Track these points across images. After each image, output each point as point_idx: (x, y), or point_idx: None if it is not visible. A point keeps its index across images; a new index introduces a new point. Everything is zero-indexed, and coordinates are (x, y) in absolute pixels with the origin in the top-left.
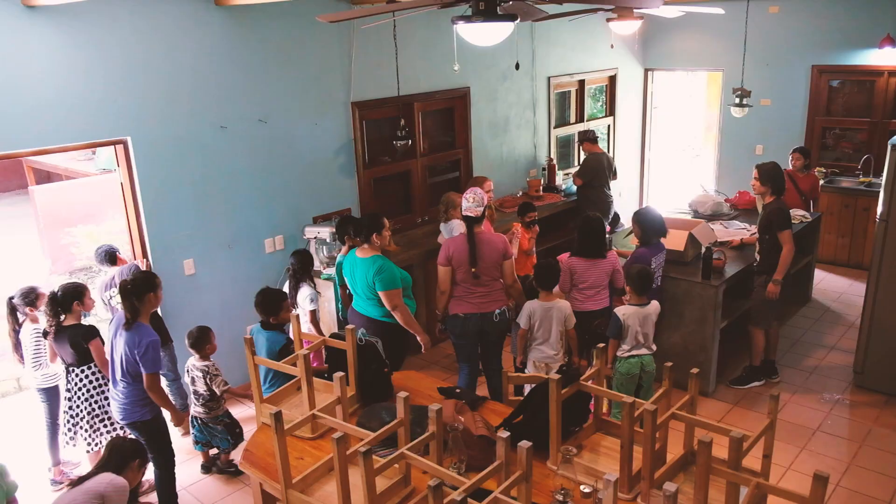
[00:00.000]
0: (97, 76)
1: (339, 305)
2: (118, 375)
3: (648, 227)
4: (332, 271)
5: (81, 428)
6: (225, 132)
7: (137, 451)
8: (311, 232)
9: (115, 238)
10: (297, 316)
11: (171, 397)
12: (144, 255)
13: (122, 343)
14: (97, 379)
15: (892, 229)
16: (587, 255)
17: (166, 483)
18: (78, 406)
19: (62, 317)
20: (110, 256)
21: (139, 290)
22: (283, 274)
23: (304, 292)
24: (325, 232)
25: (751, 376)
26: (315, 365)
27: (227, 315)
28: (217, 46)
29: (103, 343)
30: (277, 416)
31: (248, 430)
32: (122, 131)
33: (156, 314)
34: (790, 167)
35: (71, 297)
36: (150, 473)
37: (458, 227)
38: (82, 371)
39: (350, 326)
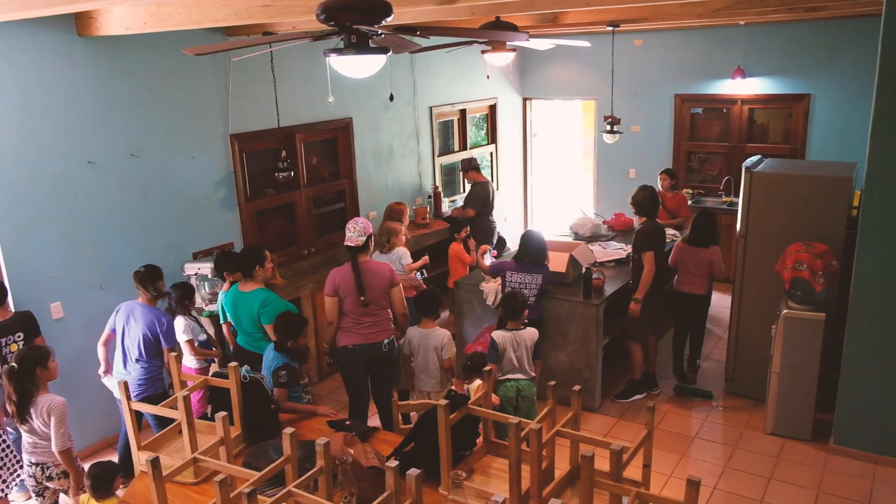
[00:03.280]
0: None
1: (225, 343)
2: (133, 357)
3: (524, 245)
4: (214, 308)
5: None
6: (93, 167)
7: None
8: (192, 268)
9: None
10: (176, 354)
11: None
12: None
13: (138, 327)
14: None
15: (750, 245)
16: (693, 244)
17: None
18: None
19: None
20: (2, 293)
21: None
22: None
23: (179, 324)
24: (206, 268)
25: (633, 390)
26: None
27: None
28: (82, 79)
29: None
30: (155, 463)
31: None
32: None
33: None
34: (659, 188)
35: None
36: None
37: (403, 255)
38: None
39: (233, 364)
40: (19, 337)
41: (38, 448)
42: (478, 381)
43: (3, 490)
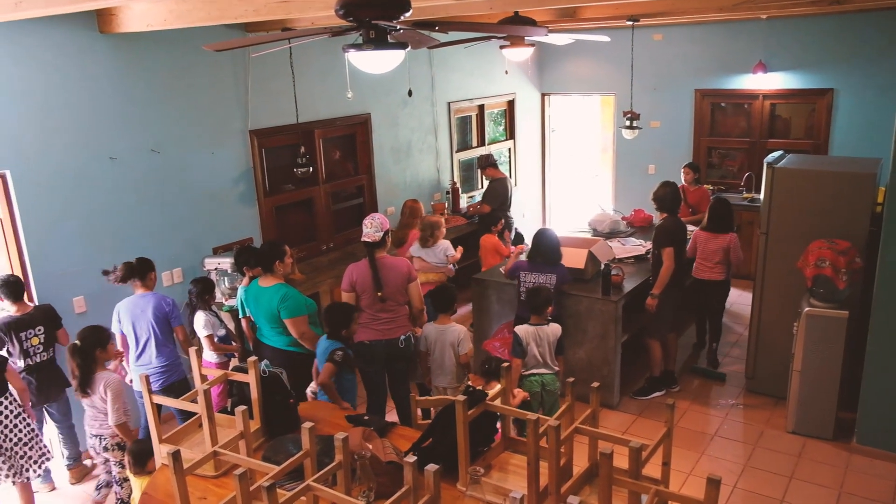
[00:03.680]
0: None
1: (244, 337)
2: (151, 347)
3: (535, 244)
4: (233, 303)
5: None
6: (115, 164)
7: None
8: (212, 263)
9: None
10: (196, 349)
11: (62, 445)
12: (29, 295)
13: (145, 316)
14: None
15: (771, 242)
16: (711, 231)
17: None
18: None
19: None
20: (19, 289)
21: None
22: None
23: (199, 319)
24: (226, 263)
25: (652, 387)
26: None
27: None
28: (103, 75)
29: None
30: (176, 456)
31: None
32: None
33: (51, 358)
34: (682, 182)
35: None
36: None
37: (447, 247)
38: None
39: (252, 358)
40: (39, 330)
41: (96, 421)
42: (498, 387)
43: (27, 473)
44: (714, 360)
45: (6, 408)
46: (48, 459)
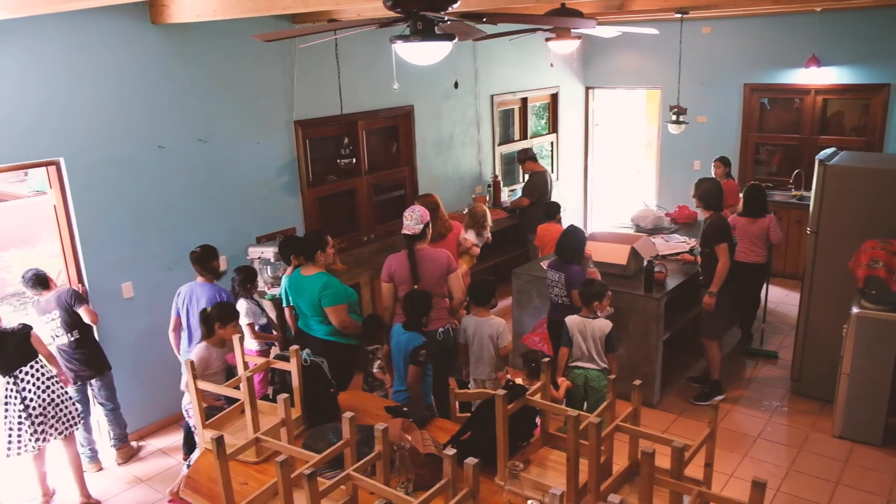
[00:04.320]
0: (28, 96)
1: (286, 326)
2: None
3: (558, 242)
4: (276, 292)
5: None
6: (163, 152)
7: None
8: (255, 252)
9: (49, 262)
10: (239, 336)
11: (108, 427)
12: (80, 279)
13: (200, 306)
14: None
15: (821, 241)
16: (748, 215)
17: None
18: (36, 402)
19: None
20: (41, 280)
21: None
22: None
23: (241, 307)
24: (269, 252)
25: (713, 391)
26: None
27: (167, 339)
28: (154, 65)
29: None
30: (219, 441)
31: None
32: (54, 152)
33: (93, 341)
34: (713, 176)
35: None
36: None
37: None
38: (31, 367)
39: (294, 347)
40: (55, 314)
41: None
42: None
43: (57, 434)
44: (749, 336)
45: (32, 376)
46: (75, 426)
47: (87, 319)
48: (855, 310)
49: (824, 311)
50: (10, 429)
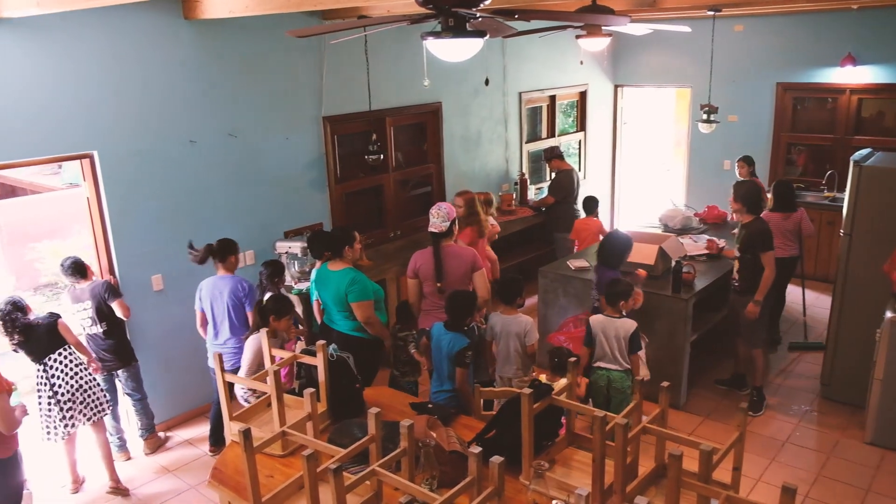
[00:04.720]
0: (63, 90)
1: (313, 320)
2: (225, 329)
3: (600, 243)
4: (303, 286)
5: (66, 412)
6: (194, 147)
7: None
8: (283, 247)
9: (81, 253)
10: (267, 330)
11: (136, 417)
12: (111, 270)
13: (223, 298)
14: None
15: (855, 243)
16: (780, 210)
17: None
18: (64, 388)
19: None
20: (80, 268)
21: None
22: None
23: None
24: (297, 247)
25: (762, 399)
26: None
27: (196, 332)
28: (186, 60)
29: None
30: (246, 434)
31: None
32: (88, 145)
33: (122, 333)
34: (737, 175)
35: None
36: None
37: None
38: (59, 354)
39: (321, 342)
40: (88, 305)
41: None
42: (563, 381)
43: (85, 419)
44: (777, 331)
45: (61, 363)
46: (104, 412)
47: (119, 313)
48: (889, 314)
49: (856, 315)
50: (43, 415)
